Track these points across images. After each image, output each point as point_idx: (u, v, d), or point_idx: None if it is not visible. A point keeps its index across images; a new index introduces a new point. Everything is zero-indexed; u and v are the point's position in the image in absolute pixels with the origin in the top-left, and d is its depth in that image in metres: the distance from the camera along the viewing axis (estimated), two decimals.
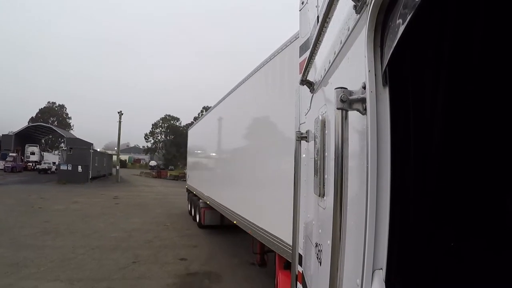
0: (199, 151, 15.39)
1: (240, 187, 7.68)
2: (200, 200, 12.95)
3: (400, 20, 0.87)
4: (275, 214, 5.03)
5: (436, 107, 1.04)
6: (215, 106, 11.37)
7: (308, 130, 2.49)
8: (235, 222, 7.63)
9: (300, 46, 3.34)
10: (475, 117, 1.01)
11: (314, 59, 2.08)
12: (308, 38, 2.96)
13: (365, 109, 1.06)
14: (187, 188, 17.39)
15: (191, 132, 18.60)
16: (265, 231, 5.50)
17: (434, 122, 1.04)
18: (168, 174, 54.40)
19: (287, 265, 4.66)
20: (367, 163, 1.02)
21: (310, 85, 2.41)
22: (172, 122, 78.39)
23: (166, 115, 79.03)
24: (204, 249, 9.93)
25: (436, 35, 1.00)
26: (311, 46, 1.89)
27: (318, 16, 2.37)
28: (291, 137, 3.28)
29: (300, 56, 3.34)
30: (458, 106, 1.02)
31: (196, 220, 13.70)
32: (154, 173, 55.58)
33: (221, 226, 11.80)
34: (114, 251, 9.26)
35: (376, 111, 1.03)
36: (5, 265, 7.48)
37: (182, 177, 50.38)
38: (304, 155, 2.66)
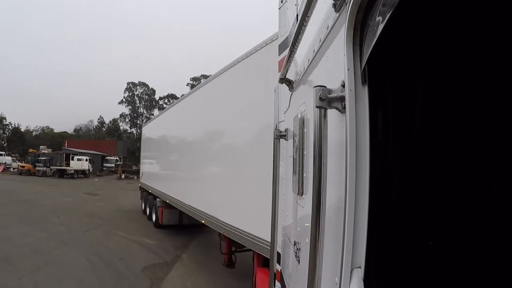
0: (158, 148, 14.51)
1: (213, 186, 7.34)
2: (157, 199, 12.49)
3: (380, 19, 0.87)
4: (253, 213, 4.98)
5: (415, 105, 1.05)
6: (182, 99, 10.71)
7: (287, 129, 2.49)
8: (203, 221, 7.39)
9: (279, 44, 3.34)
10: (454, 116, 1.03)
11: (294, 57, 2.07)
12: (287, 37, 2.96)
13: (344, 108, 1.06)
14: (140, 186, 17.09)
15: (147, 128, 17.86)
16: (242, 231, 5.41)
17: (413, 121, 1.05)
18: None
19: (265, 263, 4.66)
20: (346, 162, 1.01)
21: (289, 83, 2.40)
22: None
23: None
24: None
25: (415, 34, 1.01)
26: (290, 45, 1.88)
27: (297, 15, 2.36)
28: (269, 134, 3.28)
29: (279, 55, 3.34)
30: (437, 104, 1.04)
31: (152, 220, 13.14)
32: None
33: (180, 226, 11.48)
34: None
35: (355, 109, 1.03)
36: None
37: None
38: (282, 154, 2.66)
